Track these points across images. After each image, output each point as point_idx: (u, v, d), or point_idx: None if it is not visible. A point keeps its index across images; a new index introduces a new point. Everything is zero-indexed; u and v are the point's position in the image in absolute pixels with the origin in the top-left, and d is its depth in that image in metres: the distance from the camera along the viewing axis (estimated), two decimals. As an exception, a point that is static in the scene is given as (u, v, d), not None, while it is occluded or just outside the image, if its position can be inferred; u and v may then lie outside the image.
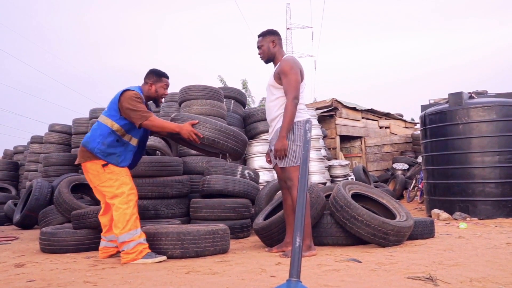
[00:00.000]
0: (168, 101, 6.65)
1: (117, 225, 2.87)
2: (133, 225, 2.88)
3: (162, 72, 3.23)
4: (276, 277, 2.22)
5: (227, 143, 3.13)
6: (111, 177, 2.95)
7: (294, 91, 3.01)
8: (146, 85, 3.18)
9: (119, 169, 2.99)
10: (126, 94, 2.98)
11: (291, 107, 2.99)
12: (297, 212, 1.70)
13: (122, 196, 2.91)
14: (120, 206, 2.88)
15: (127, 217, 2.87)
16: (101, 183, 2.96)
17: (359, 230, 3.14)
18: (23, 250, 3.76)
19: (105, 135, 2.96)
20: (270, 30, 3.29)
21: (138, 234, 2.89)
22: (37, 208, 5.33)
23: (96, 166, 2.96)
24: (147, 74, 3.21)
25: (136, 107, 2.94)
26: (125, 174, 3.01)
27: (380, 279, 2.10)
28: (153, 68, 3.24)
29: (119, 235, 2.86)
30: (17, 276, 2.47)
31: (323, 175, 7.32)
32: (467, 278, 2.09)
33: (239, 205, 4.25)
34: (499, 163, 5.50)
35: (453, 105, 5.85)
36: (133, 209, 2.92)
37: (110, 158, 2.96)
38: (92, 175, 3.00)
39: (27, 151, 9.73)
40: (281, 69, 3.08)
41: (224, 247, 3.14)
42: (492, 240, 3.50)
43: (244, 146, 3.33)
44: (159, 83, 3.19)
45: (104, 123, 2.99)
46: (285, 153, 3.00)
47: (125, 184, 2.95)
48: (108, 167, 2.95)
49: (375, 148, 11.85)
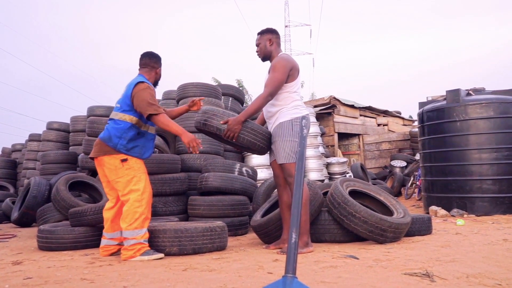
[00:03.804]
0: (166, 99, 6.64)
1: (125, 220, 2.89)
2: (140, 224, 2.88)
3: (157, 54, 3.26)
4: (273, 273, 2.22)
5: (260, 144, 3.12)
6: (129, 173, 2.94)
7: (273, 88, 3.04)
8: (152, 70, 3.19)
9: (137, 165, 2.99)
10: (140, 86, 2.99)
11: (262, 99, 3.05)
12: (293, 208, 1.70)
13: (137, 193, 2.91)
14: (133, 203, 2.89)
15: (137, 216, 2.88)
16: (117, 178, 2.95)
17: (357, 227, 3.14)
18: (21, 247, 3.76)
19: (126, 130, 2.98)
20: (268, 29, 3.31)
21: (142, 234, 2.89)
22: (35, 206, 5.32)
23: (115, 160, 2.95)
24: (150, 59, 3.19)
25: (151, 100, 2.96)
26: (142, 171, 3.02)
27: (377, 276, 2.10)
28: (149, 52, 3.23)
29: (124, 229, 2.88)
30: (14, 273, 2.47)
31: (321, 173, 7.33)
32: (464, 274, 2.09)
33: (236, 203, 4.25)
34: (497, 160, 5.51)
35: (451, 102, 5.85)
36: (145, 208, 2.92)
37: (133, 151, 2.99)
38: (108, 170, 2.98)
39: (25, 149, 9.72)
40: (272, 64, 3.15)
41: (222, 244, 3.15)
42: (489, 237, 3.51)
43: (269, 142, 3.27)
44: (160, 66, 3.25)
45: (122, 119, 3.00)
46: (234, 135, 2.97)
47: (142, 181, 2.97)
48: (127, 162, 2.95)
49: (373, 145, 11.87)
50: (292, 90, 3.14)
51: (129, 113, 3.00)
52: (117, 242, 3.08)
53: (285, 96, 3.12)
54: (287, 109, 3.11)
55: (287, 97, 3.12)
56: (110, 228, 3.10)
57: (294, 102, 3.13)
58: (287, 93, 3.12)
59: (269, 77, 3.10)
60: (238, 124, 2.97)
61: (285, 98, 3.12)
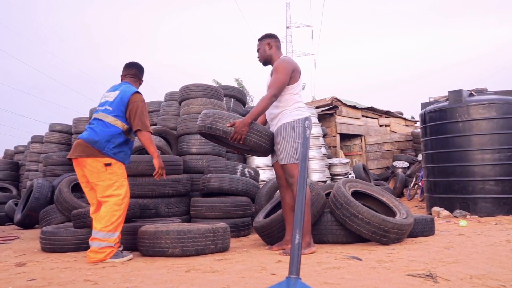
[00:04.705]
0: (168, 100, 6.65)
1: (101, 221, 2.92)
2: (115, 227, 2.94)
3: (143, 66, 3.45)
4: (276, 275, 2.22)
5: (265, 145, 3.12)
6: (111, 177, 2.98)
7: (276, 89, 3.07)
8: (138, 82, 3.36)
9: (120, 170, 3.04)
10: (138, 97, 3.09)
11: (266, 101, 3.06)
12: (296, 209, 1.70)
13: (118, 197, 2.96)
14: (113, 206, 2.93)
15: (114, 219, 2.92)
16: (98, 181, 2.98)
17: (359, 227, 3.14)
18: (24, 249, 3.77)
19: (116, 136, 3.03)
20: (267, 34, 3.39)
21: (114, 237, 2.94)
22: (37, 208, 5.33)
23: (98, 164, 2.97)
24: (139, 71, 3.37)
25: (145, 115, 3.09)
26: (124, 177, 3.07)
27: (380, 277, 2.10)
28: (139, 64, 3.39)
29: (99, 230, 2.90)
30: (18, 275, 2.47)
31: (323, 173, 7.33)
32: (467, 275, 2.09)
33: (239, 204, 4.25)
34: (499, 161, 5.49)
35: (453, 102, 5.84)
36: (123, 213, 2.99)
37: (118, 156, 3.04)
38: (89, 172, 3.00)
39: (27, 151, 9.73)
40: (274, 67, 3.19)
41: (225, 245, 3.15)
42: (492, 238, 3.50)
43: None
44: (143, 78, 3.44)
45: (113, 124, 3.03)
46: (241, 137, 2.98)
47: (123, 187, 3.02)
48: (111, 167, 2.98)
49: (375, 146, 11.85)
50: (294, 92, 3.17)
51: (121, 120, 3.05)
52: None
53: (287, 98, 3.15)
54: (289, 110, 3.13)
55: (289, 99, 3.15)
56: None
57: (296, 104, 3.15)
58: (289, 95, 3.15)
59: (272, 78, 3.13)
60: (245, 126, 2.98)
61: (287, 100, 3.14)
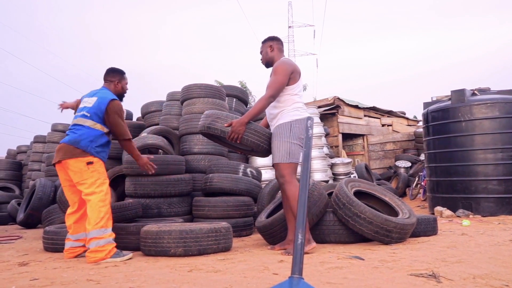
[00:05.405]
0: (170, 100, 6.65)
1: (90, 221, 2.94)
2: (105, 223, 2.97)
3: (121, 69, 3.44)
4: (278, 274, 2.22)
5: (264, 145, 3.15)
6: (94, 175, 3.04)
7: (274, 90, 3.09)
8: (112, 84, 3.36)
9: (102, 168, 3.12)
10: (115, 105, 3.17)
11: (264, 101, 3.09)
12: (299, 209, 1.70)
13: (100, 194, 3.01)
14: (97, 203, 2.97)
15: (102, 215, 2.96)
16: (82, 180, 3.03)
17: (362, 227, 3.14)
18: (27, 249, 3.78)
19: (99, 136, 3.14)
20: (269, 37, 3.43)
21: (109, 233, 2.97)
22: (40, 207, 5.35)
23: (80, 163, 3.03)
24: (110, 73, 3.38)
25: (123, 124, 3.22)
26: (105, 175, 3.15)
27: (383, 276, 2.10)
28: (112, 67, 3.42)
29: (91, 230, 2.92)
30: (20, 274, 2.48)
31: (325, 173, 7.32)
32: (470, 275, 2.08)
33: (241, 203, 4.25)
34: (502, 160, 5.48)
35: (456, 102, 5.83)
36: (108, 208, 3.03)
37: (101, 155, 3.14)
38: (73, 172, 3.05)
39: (30, 150, 9.76)
40: (273, 68, 3.22)
41: (227, 245, 3.15)
42: (495, 237, 3.49)
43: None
44: (124, 80, 3.42)
45: (93, 127, 3.13)
46: (238, 137, 3.00)
47: (105, 184, 3.09)
48: (92, 165, 3.05)
49: (377, 146, 11.83)
50: (293, 92, 3.19)
51: (101, 123, 3.15)
52: (82, 243, 3.13)
53: (287, 98, 3.17)
54: (287, 111, 3.15)
55: (288, 99, 3.17)
56: (74, 231, 3.16)
57: (295, 104, 3.17)
58: (289, 95, 3.18)
59: (271, 79, 3.17)
60: (241, 125, 3.00)
61: (286, 100, 3.17)
